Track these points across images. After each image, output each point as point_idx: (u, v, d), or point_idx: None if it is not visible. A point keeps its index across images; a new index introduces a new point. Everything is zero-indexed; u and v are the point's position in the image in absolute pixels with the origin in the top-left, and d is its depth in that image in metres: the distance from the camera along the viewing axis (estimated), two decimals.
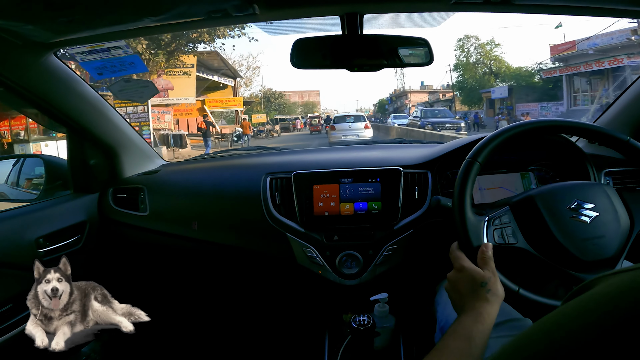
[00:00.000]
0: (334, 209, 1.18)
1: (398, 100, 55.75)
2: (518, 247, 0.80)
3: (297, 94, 70.00)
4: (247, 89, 35.56)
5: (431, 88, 51.29)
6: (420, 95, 50.17)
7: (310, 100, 68.66)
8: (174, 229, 1.31)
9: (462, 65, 30.66)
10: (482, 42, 30.06)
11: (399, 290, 1.27)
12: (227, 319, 1.68)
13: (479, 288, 0.70)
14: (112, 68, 1.13)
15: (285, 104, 48.94)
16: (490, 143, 0.84)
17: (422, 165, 1.22)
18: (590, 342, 0.27)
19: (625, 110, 1.25)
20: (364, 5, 0.90)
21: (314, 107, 66.37)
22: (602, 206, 0.79)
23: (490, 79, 28.53)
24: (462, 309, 0.70)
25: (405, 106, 49.80)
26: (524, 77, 25.20)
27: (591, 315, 0.29)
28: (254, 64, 39.25)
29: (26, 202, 1.27)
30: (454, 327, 0.67)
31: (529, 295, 0.77)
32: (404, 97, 52.25)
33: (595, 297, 0.31)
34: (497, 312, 0.69)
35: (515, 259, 0.85)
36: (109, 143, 1.34)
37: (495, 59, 29.08)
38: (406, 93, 51.56)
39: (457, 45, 30.93)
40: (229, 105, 22.12)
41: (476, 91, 28.59)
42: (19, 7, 0.78)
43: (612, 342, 0.25)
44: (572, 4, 0.90)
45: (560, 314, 0.32)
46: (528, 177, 1.18)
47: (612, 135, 0.85)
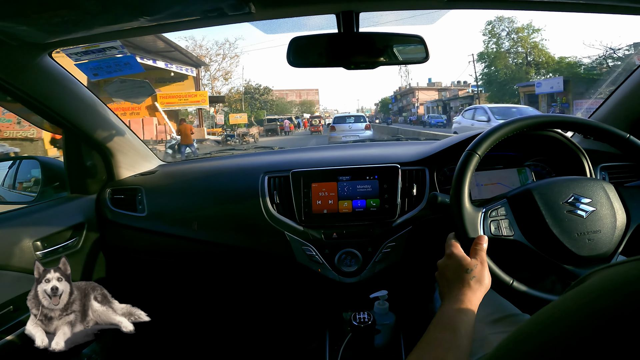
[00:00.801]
0: (332, 206, 1.18)
1: (404, 98, 53.42)
2: (514, 239, 0.81)
3: (295, 93, 67.39)
4: (224, 83, 31.10)
5: (440, 85, 49.06)
6: (428, 93, 47.24)
7: (308, 99, 67.22)
8: (172, 230, 1.31)
9: (491, 54, 25.83)
10: (517, 26, 25.13)
11: (399, 287, 1.27)
12: (227, 319, 1.68)
13: (464, 274, 0.71)
14: (107, 68, 1.12)
15: (274, 102, 44.83)
16: (490, 136, 0.85)
17: (420, 162, 1.23)
18: (586, 337, 0.27)
19: (620, 105, 1.26)
20: (359, 4, 0.90)
21: (312, 106, 65.12)
22: (599, 201, 0.80)
23: (529, 70, 24.18)
24: (446, 296, 0.71)
25: (413, 105, 47.56)
26: (572, 68, 20.80)
27: (585, 309, 0.29)
28: (231, 51, 32.85)
29: (23, 205, 1.27)
30: (439, 318, 0.67)
31: (522, 288, 0.77)
32: (410, 95, 49.53)
33: (589, 290, 0.31)
34: (479, 301, 0.69)
35: (511, 251, 0.86)
36: (105, 144, 1.34)
37: (535, 46, 24.66)
38: (413, 91, 48.50)
39: (485, 30, 26.29)
40: (189, 101, 17.83)
41: (509, 85, 24.32)
42: (13, 8, 0.78)
43: (607, 336, 0.26)
44: (567, 0, 0.90)
45: (555, 307, 0.32)
46: (525, 173, 1.18)
47: (612, 132, 0.86)
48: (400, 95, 55.62)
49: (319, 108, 74.39)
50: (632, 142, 0.84)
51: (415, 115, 43.54)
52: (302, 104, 63.83)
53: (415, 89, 48.92)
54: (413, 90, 48.87)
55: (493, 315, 0.85)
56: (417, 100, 46.75)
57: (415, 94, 48.35)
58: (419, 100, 46.10)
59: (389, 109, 60.76)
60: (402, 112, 53.89)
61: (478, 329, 0.83)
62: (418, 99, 46.61)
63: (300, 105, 62.96)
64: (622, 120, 1.23)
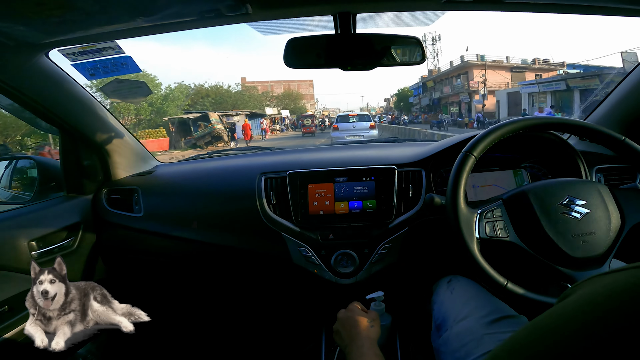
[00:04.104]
0: (328, 208, 1.18)
1: (443, 84, 33.98)
2: (509, 241, 0.82)
3: (284, 85, 49.17)
4: None
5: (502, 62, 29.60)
6: (502, 73, 27.85)
7: (298, 92, 46.69)
8: (168, 230, 1.31)
9: None
10: None
11: (395, 288, 1.27)
12: (224, 319, 1.68)
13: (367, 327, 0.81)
14: (104, 69, 1.12)
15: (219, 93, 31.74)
16: (486, 138, 0.85)
17: (416, 164, 1.23)
18: (586, 347, 0.27)
19: (616, 107, 1.26)
20: (356, 5, 0.90)
21: (298, 99, 45.42)
22: (594, 203, 0.80)
23: None
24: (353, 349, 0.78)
25: (471, 91, 28.79)
26: None
27: (584, 318, 0.29)
28: None
29: (19, 204, 1.26)
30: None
31: (516, 290, 0.78)
32: (462, 77, 30.45)
33: (590, 298, 0.30)
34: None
35: (505, 253, 0.86)
36: (102, 144, 1.33)
37: None
38: (471, 67, 29.00)
39: None
40: None
41: None
42: (10, 7, 0.77)
43: (608, 346, 0.25)
44: (564, 2, 0.90)
45: (556, 314, 0.32)
46: (520, 175, 1.19)
47: (608, 134, 0.86)
48: (435, 80, 36.28)
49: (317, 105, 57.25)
50: (627, 145, 0.84)
51: (480, 112, 25.36)
52: (286, 97, 43.55)
53: (476, 65, 28.66)
54: (471, 66, 29.20)
55: (489, 317, 0.85)
56: (479, 84, 27.14)
57: (472, 75, 28.66)
58: (485, 84, 26.11)
59: (411, 104, 44.05)
60: (436, 106, 35.41)
61: (474, 330, 0.83)
62: (482, 82, 26.26)
63: (281, 99, 42.94)
64: (617, 122, 1.24)
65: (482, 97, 26.13)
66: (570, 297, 0.32)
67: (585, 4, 0.90)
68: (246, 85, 42.66)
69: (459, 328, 0.87)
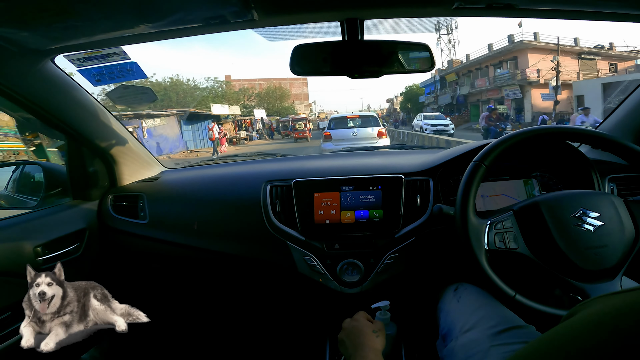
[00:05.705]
0: (334, 217, 1.16)
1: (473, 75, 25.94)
2: (519, 252, 0.80)
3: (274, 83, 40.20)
4: None
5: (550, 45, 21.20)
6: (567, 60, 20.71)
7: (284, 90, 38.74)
8: (173, 237, 1.30)
9: None
10: None
11: (401, 297, 1.25)
12: (228, 327, 1.67)
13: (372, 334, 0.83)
14: (110, 75, 1.12)
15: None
16: (498, 147, 0.84)
17: (424, 173, 1.21)
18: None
19: (628, 116, 1.23)
20: (364, 11, 0.89)
21: (284, 97, 38.18)
22: (608, 215, 0.79)
23: None
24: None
25: (528, 81, 21.17)
26: None
27: (593, 337, 0.29)
28: None
29: (25, 210, 1.26)
30: None
31: (525, 301, 0.77)
32: (499, 65, 23.39)
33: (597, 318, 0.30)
34: None
35: (515, 264, 0.85)
36: (108, 150, 1.33)
37: None
38: (524, 51, 21.90)
39: None
40: None
41: None
42: (15, 14, 0.77)
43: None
44: (576, 9, 0.89)
45: (560, 332, 0.32)
46: (531, 184, 1.16)
47: (625, 145, 0.84)
48: (460, 72, 28.24)
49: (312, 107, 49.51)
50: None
51: (552, 110, 18.08)
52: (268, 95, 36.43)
53: (534, 47, 21.59)
54: (523, 50, 22.03)
55: (497, 327, 0.84)
56: (551, 71, 19.63)
57: (528, 62, 21.39)
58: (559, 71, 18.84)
59: (422, 104, 35.79)
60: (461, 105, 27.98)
61: (481, 341, 0.82)
62: (559, 66, 19.03)
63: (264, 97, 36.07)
64: (630, 132, 1.21)
65: (555, 90, 18.67)
66: (576, 315, 0.32)
67: (598, 10, 0.89)
68: (230, 82, 36.94)
69: (465, 339, 0.86)
